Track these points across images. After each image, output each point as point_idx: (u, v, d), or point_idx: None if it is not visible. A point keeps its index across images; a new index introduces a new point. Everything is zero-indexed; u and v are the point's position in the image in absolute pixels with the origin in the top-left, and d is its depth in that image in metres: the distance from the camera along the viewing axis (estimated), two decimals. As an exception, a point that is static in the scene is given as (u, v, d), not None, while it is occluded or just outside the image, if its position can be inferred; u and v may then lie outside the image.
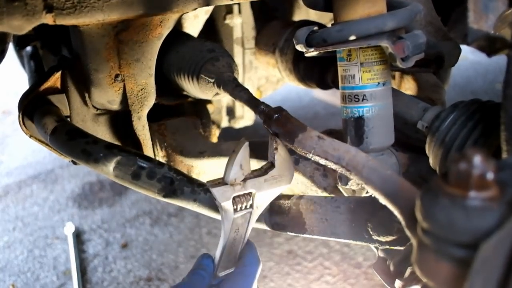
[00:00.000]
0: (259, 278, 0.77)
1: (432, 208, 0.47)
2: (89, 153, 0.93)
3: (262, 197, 0.79)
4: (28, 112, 1.08)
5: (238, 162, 0.75)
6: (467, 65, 3.51)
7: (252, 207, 0.78)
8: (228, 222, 0.77)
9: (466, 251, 0.45)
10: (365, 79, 0.85)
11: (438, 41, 0.98)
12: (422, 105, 0.92)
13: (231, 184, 0.75)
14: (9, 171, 2.79)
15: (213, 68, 1.05)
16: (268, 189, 0.79)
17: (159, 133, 1.21)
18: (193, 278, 0.76)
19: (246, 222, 0.79)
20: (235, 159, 0.75)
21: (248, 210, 0.78)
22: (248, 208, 0.78)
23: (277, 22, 1.42)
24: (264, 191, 0.78)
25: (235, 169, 0.75)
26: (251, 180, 0.77)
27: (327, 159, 0.71)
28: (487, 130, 0.79)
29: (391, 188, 0.62)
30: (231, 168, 0.75)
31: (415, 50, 0.80)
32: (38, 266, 1.98)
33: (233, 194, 0.76)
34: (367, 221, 0.77)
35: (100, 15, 0.86)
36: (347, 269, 1.79)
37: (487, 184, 0.44)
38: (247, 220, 0.79)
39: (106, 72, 1.01)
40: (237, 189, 0.76)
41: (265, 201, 0.80)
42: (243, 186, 0.76)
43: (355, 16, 0.82)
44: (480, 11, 0.74)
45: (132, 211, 2.27)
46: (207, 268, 0.78)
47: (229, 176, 0.75)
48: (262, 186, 0.78)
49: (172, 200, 0.92)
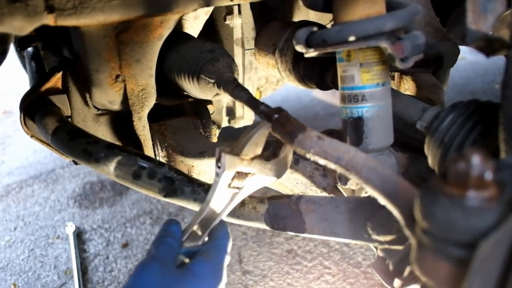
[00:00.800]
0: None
1: (431, 208, 0.47)
2: (90, 153, 0.94)
3: (253, 182, 0.78)
4: (29, 112, 1.08)
5: (255, 139, 0.74)
6: (466, 66, 3.51)
7: (241, 189, 0.77)
8: (217, 193, 0.74)
9: (465, 250, 0.45)
10: (364, 80, 0.85)
11: (437, 42, 0.99)
12: (421, 105, 0.92)
13: (241, 158, 0.73)
14: (11, 171, 2.80)
15: (213, 68, 1.05)
16: (265, 176, 0.78)
17: (160, 133, 1.21)
18: (161, 249, 0.68)
19: (229, 200, 0.77)
20: (254, 135, 0.73)
21: (237, 189, 0.77)
22: (239, 187, 0.77)
23: (277, 22, 1.42)
24: (260, 177, 0.77)
25: (252, 145, 0.73)
26: (257, 161, 0.75)
27: (327, 159, 0.71)
28: (485, 130, 0.79)
29: (390, 188, 0.63)
30: (248, 142, 0.73)
31: (414, 50, 0.81)
32: (39, 265, 1.99)
33: (238, 167, 0.73)
34: (366, 220, 0.78)
35: (101, 16, 0.86)
36: (347, 268, 1.79)
37: (485, 184, 0.44)
38: (231, 198, 0.77)
39: (107, 72, 1.02)
40: (244, 164, 0.74)
41: (253, 187, 0.79)
42: (248, 164, 0.74)
43: (354, 16, 0.82)
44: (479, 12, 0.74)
45: (132, 211, 2.27)
46: (175, 236, 0.72)
47: (243, 149, 0.73)
48: (263, 171, 0.77)
49: (173, 200, 0.92)
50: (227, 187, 0.75)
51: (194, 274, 0.65)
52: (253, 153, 0.75)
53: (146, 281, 0.61)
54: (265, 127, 0.75)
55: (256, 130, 0.74)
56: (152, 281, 0.61)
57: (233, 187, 0.76)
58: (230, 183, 0.75)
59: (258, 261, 1.87)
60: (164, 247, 0.68)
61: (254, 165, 0.75)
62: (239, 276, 1.80)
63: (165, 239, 0.70)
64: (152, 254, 0.67)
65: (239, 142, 0.75)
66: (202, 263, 0.67)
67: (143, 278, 0.61)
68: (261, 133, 0.75)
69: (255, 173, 0.76)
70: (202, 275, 0.65)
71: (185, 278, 0.64)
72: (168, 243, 0.69)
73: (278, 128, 0.77)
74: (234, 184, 0.76)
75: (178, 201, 0.92)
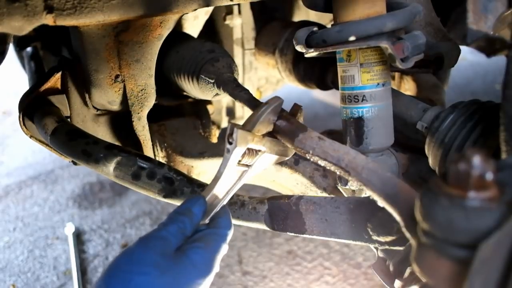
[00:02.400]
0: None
1: (431, 209, 0.47)
2: (89, 153, 0.93)
3: (263, 160, 0.75)
4: (28, 113, 1.08)
5: (268, 116, 0.71)
6: (467, 66, 3.51)
7: (250, 166, 0.74)
8: (227, 170, 0.70)
9: (466, 251, 0.45)
10: (364, 80, 0.85)
11: (438, 42, 0.98)
12: (421, 105, 0.92)
13: (253, 135, 0.70)
14: (9, 172, 2.79)
15: (213, 68, 1.05)
16: (274, 155, 0.75)
17: (159, 134, 1.21)
18: (171, 229, 0.66)
19: (237, 179, 0.74)
20: (267, 111, 0.70)
21: (246, 167, 0.73)
22: (249, 164, 0.73)
23: (277, 22, 1.42)
24: (269, 155, 0.74)
25: (264, 121, 0.70)
26: (268, 138, 0.73)
27: (327, 160, 0.71)
28: (486, 130, 0.79)
29: (390, 190, 0.63)
30: (261, 119, 0.70)
31: (415, 50, 0.81)
32: (39, 266, 1.98)
33: (249, 144, 0.70)
34: (366, 221, 0.77)
35: (100, 15, 0.86)
36: (347, 269, 1.79)
37: (486, 185, 0.44)
38: (240, 177, 0.74)
39: (106, 72, 1.02)
40: (255, 141, 0.70)
41: (261, 166, 0.76)
42: (260, 141, 0.71)
43: (354, 16, 0.82)
44: (479, 12, 0.74)
45: (132, 212, 2.27)
46: (193, 218, 0.68)
47: (255, 125, 0.70)
48: (273, 149, 0.74)
49: (172, 201, 0.92)
50: (236, 164, 0.71)
51: (189, 260, 0.64)
52: (265, 130, 0.73)
53: (144, 257, 0.61)
54: (277, 103, 0.72)
55: (268, 106, 0.71)
56: (149, 260, 0.61)
57: (243, 165, 0.73)
58: (240, 160, 0.71)
59: (258, 262, 1.87)
60: (175, 229, 0.66)
61: (265, 142, 0.73)
62: (239, 277, 1.80)
63: (182, 218, 0.68)
64: (161, 231, 0.66)
65: (251, 118, 0.72)
66: (199, 251, 0.66)
67: (142, 253, 0.62)
68: (273, 110, 0.73)
69: (265, 150, 0.74)
70: (197, 263, 0.65)
71: (180, 263, 0.63)
72: (182, 225, 0.67)
73: (278, 128, 0.77)
74: (244, 162, 0.73)
75: (177, 201, 0.91)
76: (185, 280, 0.63)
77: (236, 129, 0.66)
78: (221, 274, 1.82)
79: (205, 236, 0.69)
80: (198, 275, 0.65)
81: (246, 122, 0.72)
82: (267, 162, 0.78)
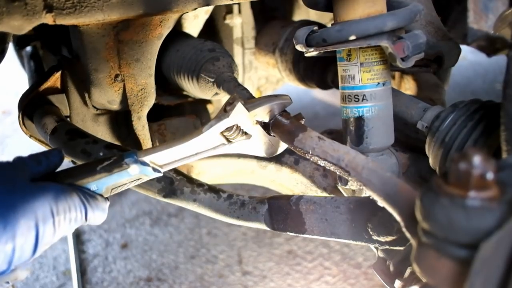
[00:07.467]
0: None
1: (432, 208, 0.47)
2: (89, 153, 0.93)
3: (243, 145, 0.78)
4: (28, 112, 1.08)
5: (271, 106, 0.74)
6: (467, 65, 3.51)
7: (230, 143, 0.76)
8: (208, 134, 0.73)
9: (466, 251, 0.45)
10: (365, 79, 0.85)
11: (438, 41, 0.98)
12: (422, 105, 0.92)
13: (249, 114, 0.74)
14: (9, 171, 2.79)
15: (213, 67, 1.05)
16: (256, 146, 0.79)
17: (159, 133, 1.21)
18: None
19: (211, 148, 0.76)
20: (273, 102, 0.74)
21: (226, 141, 0.76)
22: (230, 141, 0.76)
23: (277, 22, 1.42)
24: (252, 144, 0.78)
25: (265, 109, 0.74)
26: (259, 128, 0.76)
27: (327, 160, 0.71)
28: (487, 130, 0.79)
29: (390, 190, 0.62)
30: (264, 105, 0.74)
31: (415, 50, 0.80)
32: (38, 266, 1.98)
33: (241, 121, 0.74)
34: (367, 221, 0.77)
35: (100, 15, 0.86)
36: (347, 269, 1.79)
37: (487, 184, 0.44)
38: (214, 147, 0.76)
39: (106, 72, 1.01)
40: (247, 122, 0.75)
41: (240, 149, 0.78)
42: (251, 124, 0.75)
43: (355, 16, 0.82)
44: (480, 11, 0.74)
45: (132, 211, 2.27)
46: (50, 161, 0.73)
47: (255, 108, 0.74)
48: (258, 141, 0.78)
49: (172, 200, 0.92)
50: (219, 133, 0.74)
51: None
52: (261, 118, 0.76)
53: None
54: (286, 100, 0.75)
55: (275, 98, 0.74)
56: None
57: (224, 137, 0.75)
58: (224, 131, 0.74)
59: (258, 262, 1.87)
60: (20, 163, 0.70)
61: (255, 129, 0.75)
62: (239, 277, 1.80)
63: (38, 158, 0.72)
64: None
65: (254, 100, 0.75)
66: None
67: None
68: (280, 104, 0.75)
69: (251, 137, 0.76)
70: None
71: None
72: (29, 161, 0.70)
73: (278, 128, 0.77)
74: (227, 134, 0.75)
75: (177, 201, 0.91)
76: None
77: (237, 101, 0.70)
78: (221, 274, 1.82)
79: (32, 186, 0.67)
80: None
81: (249, 101, 0.75)
82: (247, 149, 0.80)
